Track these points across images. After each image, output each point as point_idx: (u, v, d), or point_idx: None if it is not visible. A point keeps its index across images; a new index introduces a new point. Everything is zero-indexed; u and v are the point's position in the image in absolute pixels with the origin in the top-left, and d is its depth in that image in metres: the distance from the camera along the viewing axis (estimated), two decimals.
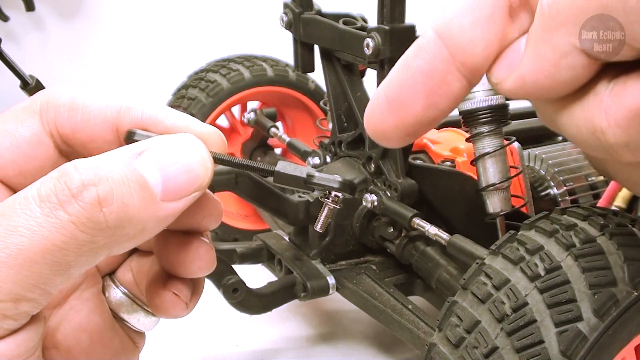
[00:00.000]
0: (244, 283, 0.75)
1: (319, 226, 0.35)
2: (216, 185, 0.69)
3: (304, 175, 0.31)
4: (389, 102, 0.28)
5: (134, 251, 0.35)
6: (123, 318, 0.35)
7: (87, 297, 0.34)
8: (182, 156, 0.28)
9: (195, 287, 0.33)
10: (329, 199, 0.32)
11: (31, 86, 0.73)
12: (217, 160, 0.30)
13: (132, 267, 0.35)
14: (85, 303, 0.34)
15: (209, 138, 0.30)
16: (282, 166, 0.31)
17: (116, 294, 0.35)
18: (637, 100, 0.24)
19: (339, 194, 0.32)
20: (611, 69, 0.25)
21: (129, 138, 0.29)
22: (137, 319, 0.35)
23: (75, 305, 0.34)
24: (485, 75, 0.28)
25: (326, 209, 0.34)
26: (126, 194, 0.26)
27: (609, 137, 0.25)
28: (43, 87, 0.68)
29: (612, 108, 0.25)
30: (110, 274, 0.35)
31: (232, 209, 1.14)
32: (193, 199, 0.28)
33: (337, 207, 0.33)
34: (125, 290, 0.35)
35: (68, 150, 0.31)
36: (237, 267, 0.77)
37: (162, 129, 0.30)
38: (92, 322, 0.33)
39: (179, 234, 0.31)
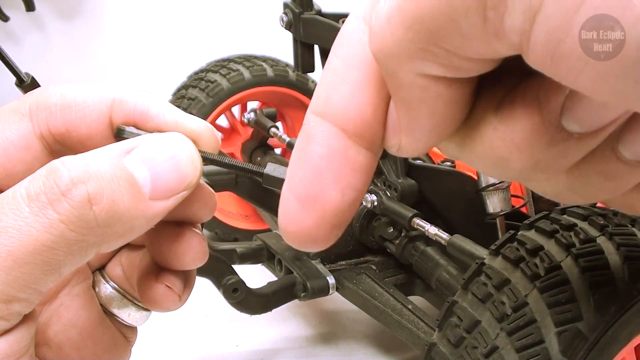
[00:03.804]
0: (244, 283, 0.75)
1: None
2: (216, 185, 0.69)
3: None
4: (300, 201, 0.26)
5: (124, 245, 0.35)
6: (113, 313, 0.34)
7: (77, 292, 0.34)
8: (170, 155, 0.28)
9: (187, 279, 0.33)
10: None
11: (26, 84, 0.73)
12: (205, 159, 0.30)
13: (122, 261, 0.35)
14: (75, 299, 0.34)
15: (200, 134, 0.30)
16: (271, 169, 0.31)
17: (106, 289, 0.35)
18: (529, 123, 0.22)
19: None
20: (490, 92, 0.23)
21: (118, 135, 0.29)
22: (128, 314, 0.35)
23: (66, 302, 0.33)
24: None
25: None
26: (116, 191, 0.26)
27: (514, 164, 0.22)
28: (39, 85, 0.68)
29: (507, 135, 0.22)
30: (100, 269, 0.35)
31: (232, 209, 1.14)
32: (181, 198, 0.28)
33: None
34: (115, 285, 0.35)
35: (61, 150, 0.30)
36: (237, 267, 0.77)
37: (152, 124, 0.30)
38: (82, 318, 0.33)
39: (171, 226, 0.31)
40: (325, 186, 0.25)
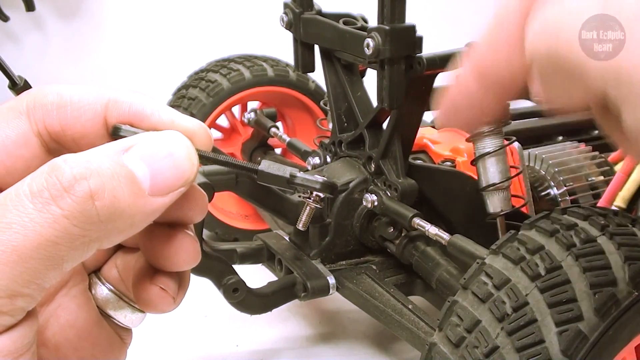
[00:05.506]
0: (244, 283, 0.75)
1: (301, 225, 0.37)
2: (216, 185, 0.69)
3: (287, 175, 0.31)
4: (443, 114, 0.37)
5: (119, 248, 0.36)
6: (110, 315, 0.35)
7: (74, 294, 0.34)
8: (169, 152, 0.28)
9: (181, 281, 0.33)
10: (310, 198, 0.33)
11: (19, 86, 0.73)
12: (201, 157, 0.30)
13: (117, 263, 0.35)
14: (72, 300, 0.34)
15: (195, 133, 0.30)
16: (266, 165, 0.31)
17: (102, 290, 0.35)
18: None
19: (320, 194, 0.33)
20: None
21: (115, 133, 0.30)
22: (124, 316, 0.35)
23: (63, 303, 0.34)
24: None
25: (308, 208, 0.35)
26: (117, 187, 0.26)
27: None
28: (31, 88, 0.68)
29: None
30: (95, 271, 0.36)
31: (232, 209, 1.14)
32: (179, 195, 0.28)
33: (319, 206, 0.34)
34: (111, 287, 0.35)
35: (57, 148, 0.31)
36: (237, 267, 0.77)
37: (148, 124, 0.30)
38: (79, 319, 0.34)
39: (164, 228, 0.32)
40: (457, 114, 0.36)
